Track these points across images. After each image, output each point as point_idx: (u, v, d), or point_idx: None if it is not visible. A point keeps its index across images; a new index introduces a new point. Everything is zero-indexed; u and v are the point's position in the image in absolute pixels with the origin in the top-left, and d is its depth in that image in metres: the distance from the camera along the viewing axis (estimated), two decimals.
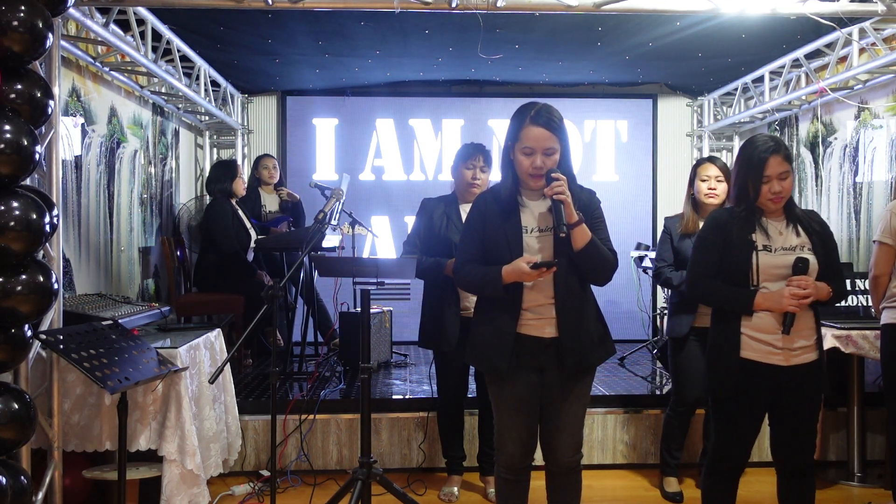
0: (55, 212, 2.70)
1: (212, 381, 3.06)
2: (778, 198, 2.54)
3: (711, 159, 3.61)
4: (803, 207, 2.77)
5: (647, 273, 5.47)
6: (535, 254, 2.48)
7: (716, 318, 2.67)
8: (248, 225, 5.25)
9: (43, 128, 2.80)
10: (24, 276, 2.46)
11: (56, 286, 2.61)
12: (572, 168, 2.53)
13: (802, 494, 2.66)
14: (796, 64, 5.10)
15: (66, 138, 3.92)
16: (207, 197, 5.47)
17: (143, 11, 4.18)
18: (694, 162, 4.25)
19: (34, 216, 2.44)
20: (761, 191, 2.53)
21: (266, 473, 3.90)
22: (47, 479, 2.94)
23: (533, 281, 2.45)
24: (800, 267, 2.49)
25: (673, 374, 3.68)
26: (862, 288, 3.93)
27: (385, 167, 6.61)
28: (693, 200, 3.61)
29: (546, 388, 2.55)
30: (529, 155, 2.45)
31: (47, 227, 2.50)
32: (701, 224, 3.51)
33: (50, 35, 2.54)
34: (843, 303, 3.91)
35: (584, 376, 2.58)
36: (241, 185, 5.27)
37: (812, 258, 2.53)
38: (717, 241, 2.60)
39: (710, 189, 3.54)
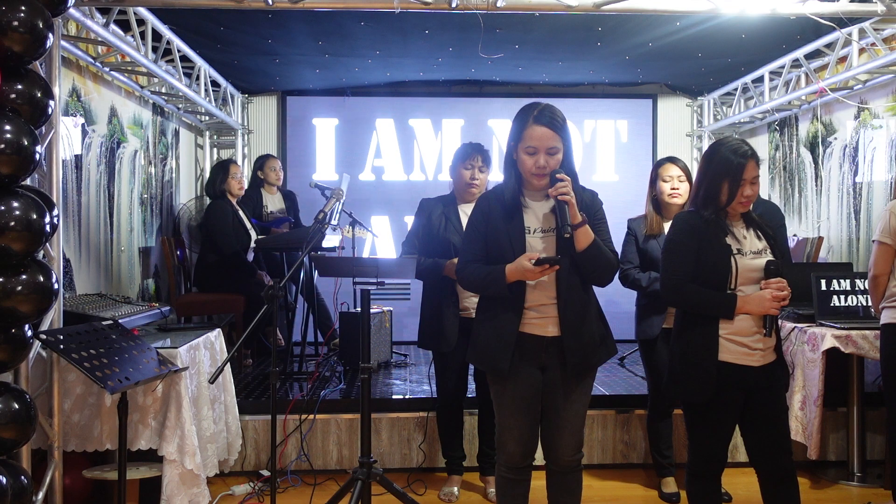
0: (55, 212, 2.70)
1: (212, 381, 3.05)
2: (748, 201, 2.56)
3: (672, 159, 3.62)
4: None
5: None
6: (539, 254, 2.48)
7: (688, 322, 2.61)
8: (249, 225, 5.25)
9: (43, 128, 2.80)
10: (24, 276, 2.46)
11: (56, 286, 2.61)
12: (575, 168, 2.54)
13: (792, 498, 2.64)
14: (796, 64, 5.10)
15: (66, 138, 3.92)
16: (207, 197, 5.46)
17: (143, 11, 4.18)
18: (699, 162, 4.25)
19: (34, 216, 2.44)
20: (736, 194, 2.54)
21: (266, 473, 3.90)
22: (47, 479, 2.93)
23: (536, 279, 2.45)
24: (772, 269, 2.53)
25: (648, 375, 3.71)
26: (862, 288, 3.93)
27: (385, 167, 6.61)
28: (655, 201, 3.63)
29: (547, 387, 2.55)
30: (533, 154, 2.45)
31: (47, 227, 2.50)
32: (666, 225, 3.53)
33: (50, 35, 2.54)
34: (843, 302, 3.92)
35: (586, 375, 2.59)
36: (235, 184, 5.23)
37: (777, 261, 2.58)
38: (692, 246, 2.57)
39: (672, 189, 3.55)
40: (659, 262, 3.40)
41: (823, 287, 3.90)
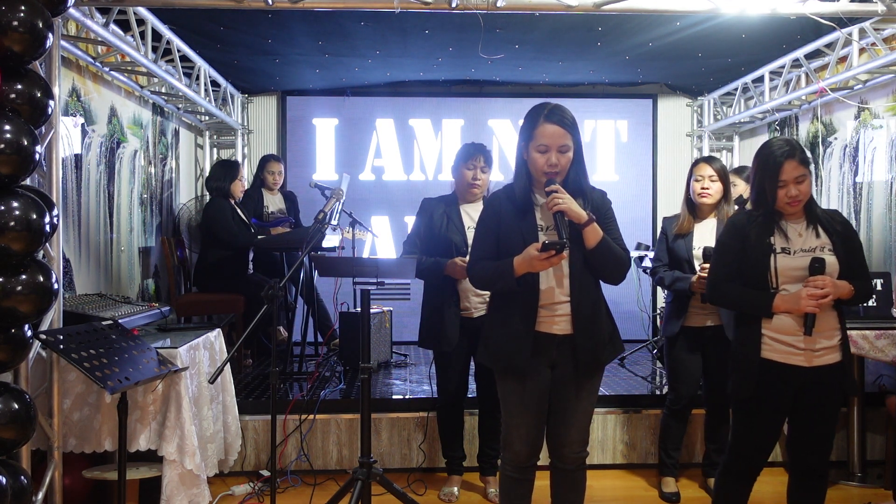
0: (55, 212, 2.70)
1: (212, 381, 3.05)
2: (795, 201, 2.55)
3: (707, 159, 3.62)
4: None
5: (646, 273, 5.48)
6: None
7: (738, 320, 2.69)
8: (248, 225, 5.25)
9: (43, 128, 2.80)
10: (24, 276, 2.46)
11: (56, 286, 2.61)
12: (585, 167, 2.55)
13: (814, 495, 2.66)
14: (796, 64, 5.10)
15: (66, 138, 3.92)
16: (207, 196, 5.46)
17: (143, 11, 4.18)
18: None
19: (34, 216, 2.44)
20: (778, 195, 2.54)
21: (266, 473, 3.90)
22: (47, 479, 2.94)
23: (544, 268, 2.45)
24: (816, 267, 2.50)
25: (667, 372, 3.70)
26: None
27: (385, 167, 6.61)
28: (689, 201, 3.62)
29: (557, 385, 2.56)
30: (544, 152, 2.46)
31: (47, 227, 2.50)
32: (695, 225, 3.55)
33: (50, 35, 2.54)
34: None
35: (596, 373, 2.60)
36: (239, 188, 5.27)
37: (830, 258, 2.53)
38: (736, 246, 2.62)
39: (703, 189, 3.55)
40: (684, 261, 3.47)
41: None
